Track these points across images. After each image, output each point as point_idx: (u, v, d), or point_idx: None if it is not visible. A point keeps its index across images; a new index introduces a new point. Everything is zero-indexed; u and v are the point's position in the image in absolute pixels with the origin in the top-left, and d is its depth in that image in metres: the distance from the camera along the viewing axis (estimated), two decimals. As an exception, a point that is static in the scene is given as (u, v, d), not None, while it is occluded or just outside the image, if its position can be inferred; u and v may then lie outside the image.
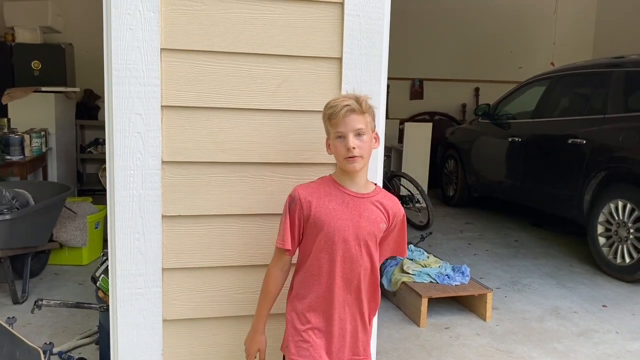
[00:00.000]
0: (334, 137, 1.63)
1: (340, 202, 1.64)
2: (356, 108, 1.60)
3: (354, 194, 1.66)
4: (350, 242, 1.63)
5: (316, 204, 1.64)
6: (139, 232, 1.77)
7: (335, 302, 1.66)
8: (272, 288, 1.71)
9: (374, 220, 1.66)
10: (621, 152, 4.14)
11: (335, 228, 1.62)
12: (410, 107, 8.32)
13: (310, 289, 1.68)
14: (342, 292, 1.66)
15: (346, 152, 1.59)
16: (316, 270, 1.66)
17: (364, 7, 1.83)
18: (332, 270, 1.64)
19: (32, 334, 2.86)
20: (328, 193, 1.65)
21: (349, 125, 1.59)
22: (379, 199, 1.69)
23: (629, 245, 4.02)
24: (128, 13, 1.67)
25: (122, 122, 1.71)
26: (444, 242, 5.02)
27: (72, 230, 3.97)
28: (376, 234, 1.67)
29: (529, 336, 3.14)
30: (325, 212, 1.63)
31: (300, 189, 1.67)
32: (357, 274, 1.66)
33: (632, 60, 4.57)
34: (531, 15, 8.28)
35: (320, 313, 1.67)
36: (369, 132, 1.63)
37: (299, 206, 1.64)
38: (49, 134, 5.30)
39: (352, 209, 1.64)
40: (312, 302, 1.67)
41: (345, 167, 1.63)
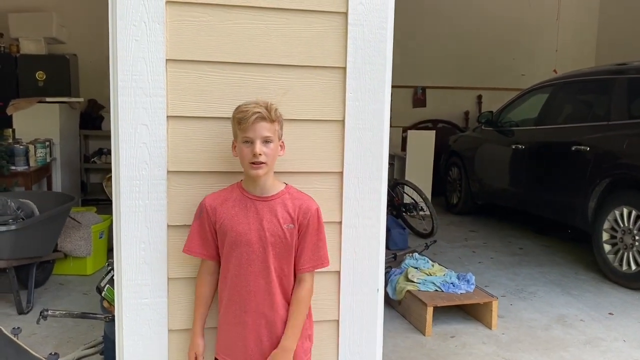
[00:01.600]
0: (241, 141, 1.65)
1: (242, 207, 1.69)
2: (266, 116, 1.63)
3: (256, 198, 1.69)
4: (254, 245, 1.66)
5: (220, 210, 1.69)
6: (144, 242, 1.77)
7: (246, 306, 1.68)
8: (200, 290, 1.76)
9: (277, 222, 1.67)
10: (625, 159, 4.14)
11: (238, 232, 1.66)
12: (413, 115, 8.33)
13: (223, 293, 1.73)
14: (251, 295, 1.68)
15: (252, 157, 1.62)
16: (226, 274, 1.71)
17: (367, 16, 1.83)
18: (239, 273, 1.68)
19: (37, 344, 2.86)
20: (232, 198, 1.70)
21: (257, 131, 1.62)
22: (284, 199, 1.70)
23: (634, 253, 4.00)
24: (134, 24, 1.69)
25: (128, 132, 1.72)
26: (449, 250, 5.01)
27: (76, 240, 3.97)
28: (281, 235, 1.67)
29: (535, 345, 3.12)
30: (228, 217, 1.68)
31: (207, 198, 1.73)
32: (266, 275, 1.67)
33: (635, 67, 4.57)
34: (533, 23, 8.30)
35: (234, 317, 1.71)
36: (275, 140, 1.66)
37: (206, 214, 1.71)
38: (54, 144, 5.32)
39: (254, 212, 1.68)
40: (228, 307, 1.72)
41: (249, 172, 1.66)
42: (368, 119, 1.88)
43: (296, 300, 1.72)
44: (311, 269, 1.73)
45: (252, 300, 1.69)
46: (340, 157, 1.87)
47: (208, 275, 1.76)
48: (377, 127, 1.89)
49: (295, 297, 1.72)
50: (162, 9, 1.70)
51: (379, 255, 1.94)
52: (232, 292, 1.70)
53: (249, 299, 1.69)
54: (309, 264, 1.72)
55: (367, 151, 1.89)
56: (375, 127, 1.89)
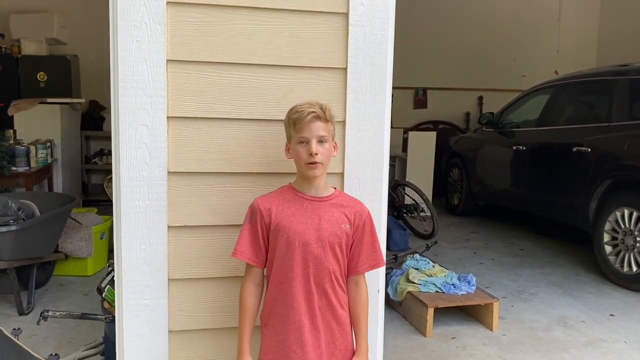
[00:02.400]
0: (296, 142, 1.65)
1: (299, 207, 1.67)
2: (321, 115, 1.64)
3: (312, 198, 1.68)
4: (312, 244, 1.64)
5: (276, 210, 1.67)
6: (145, 243, 1.77)
7: (303, 308, 1.65)
8: (247, 303, 1.69)
9: (334, 222, 1.66)
10: (627, 160, 4.13)
11: (296, 232, 1.64)
12: (414, 116, 8.33)
13: (279, 296, 1.67)
14: (310, 296, 1.65)
15: (308, 157, 1.62)
16: (282, 278, 1.66)
17: (368, 17, 1.84)
18: (298, 275, 1.64)
19: (38, 345, 2.86)
20: (287, 200, 1.69)
21: (313, 131, 1.63)
22: (339, 201, 1.71)
23: (635, 254, 4.00)
24: (134, 25, 1.69)
25: (129, 133, 1.72)
26: (449, 251, 5.01)
27: (77, 240, 3.97)
28: (339, 235, 1.66)
29: (536, 346, 3.11)
30: (284, 217, 1.66)
31: (259, 199, 1.71)
32: (323, 276, 1.65)
33: (636, 68, 4.56)
34: (534, 24, 8.29)
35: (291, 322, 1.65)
36: (330, 140, 1.67)
37: (259, 216, 1.67)
38: (55, 145, 5.32)
39: (311, 212, 1.67)
40: (282, 310, 1.67)
41: (305, 172, 1.66)
42: (369, 119, 1.88)
43: (361, 304, 1.72)
44: (368, 269, 1.73)
45: (312, 301, 1.65)
46: (341, 157, 1.87)
47: (254, 286, 1.70)
48: (377, 128, 1.89)
49: (359, 300, 1.72)
50: (162, 10, 1.70)
51: (380, 256, 1.94)
52: (291, 294, 1.65)
53: (309, 300, 1.65)
54: (367, 264, 1.72)
55: (367, 152, 1.89)
56: (376, 128, 1.89)
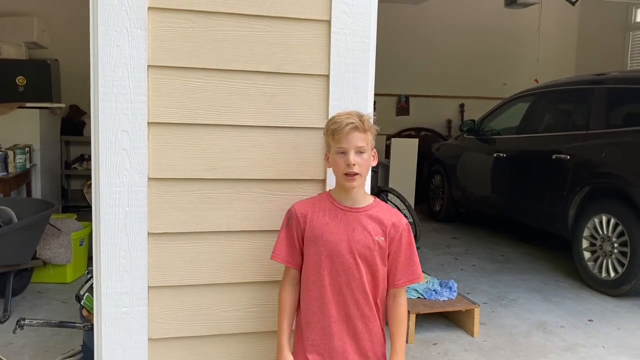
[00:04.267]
0: (334, 152, 1.66)
1: (333, 217, 1.67)
2: (359, 126, 1.64)
3: (348, 209, 1.68)
4: (345, 255, 1.65)
5: (311, 217, 1.68)
6: (124, 250, 1.75)
7: (333, 316, 1.66)
8: (284, 301, 1.74)
9: (368, 234, 1.66)
10: (604, 167, 4.20)
11: (328, 241, 1.65)
12: (397, 123, 8.38)
13: (310, 303, 1.69)
14: (340, 305, 1.66)
15: (346, 167, 1.63)
16: (312, 286, 1.68)
17: (350, 25, 1.85)
18: (328, 283, 1.66)
19: (14, 354, 2.81)
20: (323, 208, 1.69)
21: (351, 142, 1.63)
22: (375, 212, 1.70)
23: (613, 260, 4.06)
24: (115, 30, 1.67)
25: (108, 138, 1.71)
26: (431, 257, 5.03)
27: (56, 247, 3.91)
28: (372, 247, 1.66)
29: (516, 352, 3.14)
30: (318, 226, 1.66)
31: (297, 205, 1.73)
32: (354, 287, 1.66)
33: (613, 77, 4.66)
34: (515, 34, 8.42)
35: (320, 329, 1.68)
36: (369, 151, 1.67)
37: (295, 221, 1.69)
38: (34, 150, 5.24)
39: (345, 223, 1.67)
40: (311, 317, 1.69)
41: (343, 183, 1.66)
42: (351, 126, 1.89)
43: (398, 319, 1.72)
44: (407, 284, 1.72)
45: (342, 309, 1.66)
46: (324, 165, 1.87)
47: (291, 286, 1.74)
48: (359, 134, 1.90)
49: (397, 314, 1.72)
50: (144, 15, 1.69)
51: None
52: (322, 301, 1.66)
53: (339, 308, 1.66)
54: (405, 279, 1.71)
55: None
56: (358, 134, 1.90)
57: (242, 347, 1.88)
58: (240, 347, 1.88)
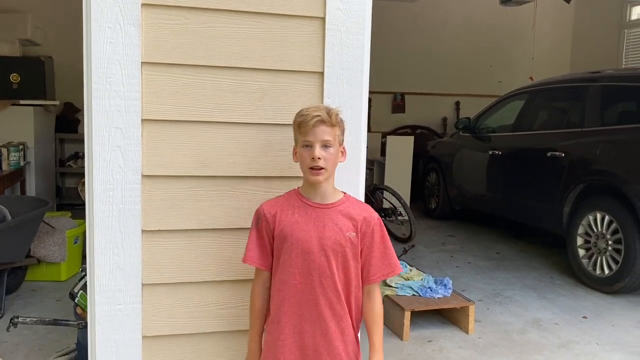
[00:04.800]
0: (300, 145, 1.64)
1: (303, 214, 1.65)
2: (326, 119, 1.62)
3: (317, 205, 1.66)
4: (315, 253, 1.62)
5: (280, 217, 1.65)
6: (118, 247, 1.74)
7: (304, 316, 1.64)
8: (256, 305, 1.71)
9: (339, 230, 1.64)
10: (599, 165, 4.21)
11: (298, 239, 1.63)
12: (392, 121, 8.39)
13: (281, 302, 1.66)
14: (312, 304, 1.63)
15: (311, 161, 1.61)
16: (284, 285, 1.65)
17: (344, 22, 1.84)
18: (299, 282, 1.63)
19: (8, 352, 2.80)
20: (291, 205, 1.67)
21: (318, 135, 1.61)
22: (346, 207, 1.67)
23: (607, 257, 4.07)
24: (108, 26, 1.67)
25: (102, 136, 1.70)
26: (427, 254, 5.04)
27: (50, 245, 3.90)
28: (343, 243, 1.63)
29: (510, 348, 3.15)
30: (288, 224, 1.64)
31: (264, 204, 1.70)
32: (327, 285, 1.63)
33: (608, 74, 4.67)
34: (510, 31, 8.44)
35: (291, 329, 1.65)
36: (336, 145, 1.65)
37: (264, 221, 1.67)
38: (28, 148, 5.22)
39: (315, 219, 1.64)
40: (282, 317, 1.66)
41: (308, 177, 1.64)
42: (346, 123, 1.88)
43: (374, 315, 1.69)
44: (382, 278, 1.69)
45: (314, 309, 1.63)
46: (317, 161, 1.87)
47: (263, 289, 1.71)
48: (354, 132, 1.89)
49: (372, 310, 1.69)
50: (137, 12, 1.68)
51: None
52: (292, 301, 1.64)
53: (310, 308, 1.63)
54: (380, 273, 1.68)
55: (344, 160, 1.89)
56: (352, 132, 1.89)
57: (237, 345, 1.87)
58: (236, 344, 1.87)
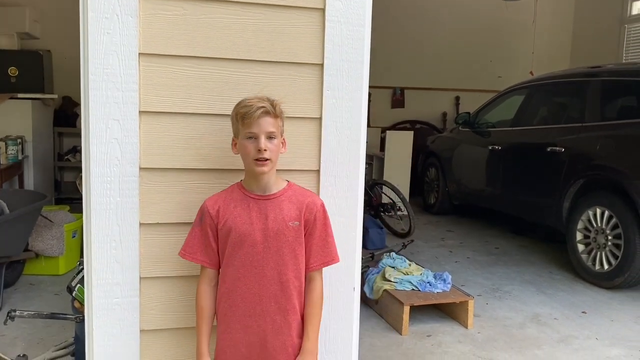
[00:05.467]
0: (244, 137, 1.61)
1: (245, 207, 1.64)
2: (271, 111, 1.60)
3: (258, 197, 1.65)
4: (258, 245, 1.61)
5: (223, 211, 1.64)
6: (115, 241, 1.73)
7: (250, 311, 1.63)
8: (202, 304, 1.68)
9: (281, 220, 1.62)
10: (599, 160, 4.20)
11: (241, 233, 1.61)
12: (392, 116, 8.37)
13: (226, 298, 1.65)
14: (256, 299, 1.62)
15: (256, 153, 1.58)
16: (230, 279, 1.64)
17: (345, 13, 1.82)
18: (244, 276, 1.62)
19: (6, 346, 2.79)
20: (234, 199, 1.66)
21: (262, 127, 1.59)
22: (288, 196, 1.66)
23: (607, 252, 4.07)
24: (105, 17, 1.64)
25: (99, 128, 1.68)
26: (426, 249, 5.03)
27: (48, 239, 3.89)
28: (287, 233, 1.62)
29: (509, 343, 3.15)
30: (231, 218, 1.63)
31: (208, 201, 1.68)
32: (271, 278, 1.62)
33: (608, 69, 4.65)
34: (510, 26, 8.41)
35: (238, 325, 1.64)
36: (279, 137, 1.64)
37: (208, 217, 1.65)
38: (26, 142, 5.20)
39: (257, 212, 1.63)
40: (228, 312, 1.65)
41: (253, 169, 1.61)
42: (345, 117, 1.87)
43: (312, 303, 1.67)
44: (321, 266, 1.68)
45: (258, 303, 1.62)
46: (317, 155, 1.85)
47: (209, 287, 1.68)
48: (354, 125, 1.88)
49: (309, 299, 1.67)
50: (135, 2, 1.66)
51: (356, 254, 1.93)
52: (235, 295, 1.63)
53: (254, 302, 1.62)
54: (319, 261, 1.67)
55: (344, 149, 1.88)
56: (352, 125, 1.88)
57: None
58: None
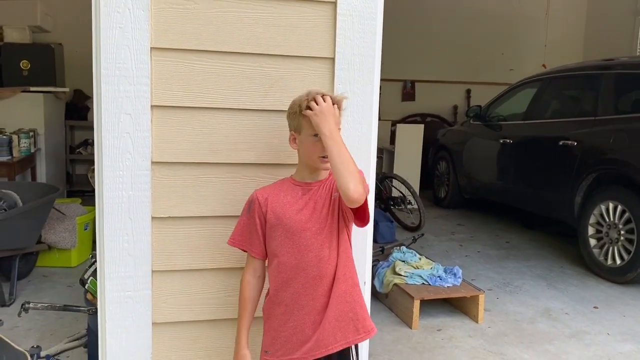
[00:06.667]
0: (309, 134, 1.62)
1: (294, 195, 1.66)
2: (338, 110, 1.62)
3: (308, 184, 1.67)
4: (309, 230, 1.62)
5: (272, 200, 1.66)
6: (128, 234, 1.74)
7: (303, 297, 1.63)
8: (246, 295, 1.70)
9: (326, 194, 1.64)
10: (612, 154, 4.16)
11: (292, 220, 1.63)
12: (402, 109, 8.33)
13: (280, 286, 1.66)
14: (309, 284, 1.62)
15: (322, 151, 1.60)
16: (282, 267, 1.65)
17: (356, 6, 1.81)
18: (297, 263, 1.62)
19: (19, 337, 2.82)
20: (284, 189, 1.68)
21: None
22: (331, 180, 1.67)
23: (619, 247, 4.04)
24: (117, 11, 1.65)
25: (111, 122, 1.69)
26: (436, 243, 5.02)
27: (60, 231, 3.92)
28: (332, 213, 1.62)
29: (520, 338, 3.13)
30: (280, 205, 1.65)
31: (257, 191, 1.71)
32: (323, 262, 1.62)
33: (621, 62, 4.60)
34: (522, 18, 8.32)
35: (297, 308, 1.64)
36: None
37: (257, 205, 1.67)
38: (38, 135, 5.23)
39: (306, 198, 1.65)
40: (283, 298, 1.65)
41: (318, 165, 1.64)
42: (356, 110, 1.86)
43: None
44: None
45: (318, 287, 1.62)
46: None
47: (254, 279, 1.70)
48: (365, 119, 1.88)
49: None
50: (146, -4, 1.66)
51: (366, 248, 1.93)
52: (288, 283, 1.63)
53: (314, 286, 1.62)
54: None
55: (355, 143, 1.87)
56: (363, 119, 1.88)
57: (246, 332, 1.87)
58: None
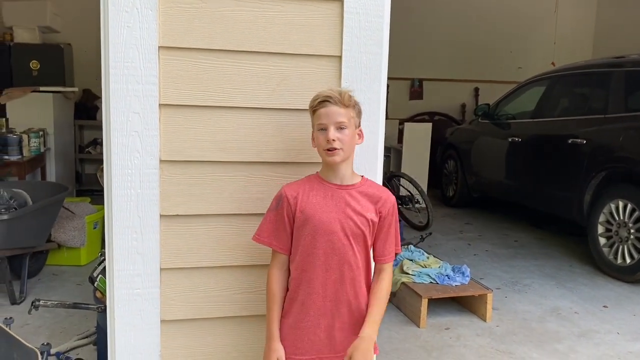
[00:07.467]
0: (316, 129, 1.65)
1: (324, 196, 1.66)
2: (338, 101, 1.62)
3: (338, 186, 1.67)
4: (337, 233, 1.63)
5: (301, 198, 1.66)
6: (136, 232, 1.75)
7: (323, 298, 1.65)
8: (274, 289, 1.71)
9: (360, 211, 1.65)
10: (621, 152, 4.13)
11: (320, 221, 1.63)
12: (410, 107, 8.31)
13: (301, 284, 1.66)
14: (336, 284, 1.64)
15: (326, 143, 1.61)
16: (306, 266, 1.65)
17: (364, 4, 1.81)
18: (321, 264, 1.64)
19: (30, 334, 2.85)
20: (313, 188, 1.68)
21: (331, 117, 1.61)
22: (365, 189, 1.69)
23: (629, 246, 4.01)
24: (125, 10, 1.66)
25: (120, 120, 1.70)
26: (444, 242, 5.01)
27: (70, 230, 3.95)
28: (364, 223, 1.64)
29: (529, 337, 3.12)
30: (309, 205, 1.65)
31: (286, 187, 1.70)
32: (347, 266, 1.64)
33: (632, 60, 4.55)
34: (531, 15, 8.27)
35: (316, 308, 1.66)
36: (351, 127, 1.64)
37: (286, 203, 1.67)
38: (47, 134, 5.28)
39: (336, 200, 1.65)
40: (307, 298, 1.66)
41: (325, 159, 1.65)
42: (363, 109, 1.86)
43: (380, 291, 1.68)
44: (393, 259, 1.72)
45: (338, 290, 1.64)
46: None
47: (280, 272, 1.70)
48: (372, 117, 1.87)
49: (379, 287, 1.68)
50: (154, -5, 1.67)
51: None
52: (313, 283, 1.64)
53: (329, 289, 1.64)
54: (392, 254, 1.71)
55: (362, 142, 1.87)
56: (370, 117, 1.87)
57: (254, 329, 1.88)
58: (252, 329, 1.88)
